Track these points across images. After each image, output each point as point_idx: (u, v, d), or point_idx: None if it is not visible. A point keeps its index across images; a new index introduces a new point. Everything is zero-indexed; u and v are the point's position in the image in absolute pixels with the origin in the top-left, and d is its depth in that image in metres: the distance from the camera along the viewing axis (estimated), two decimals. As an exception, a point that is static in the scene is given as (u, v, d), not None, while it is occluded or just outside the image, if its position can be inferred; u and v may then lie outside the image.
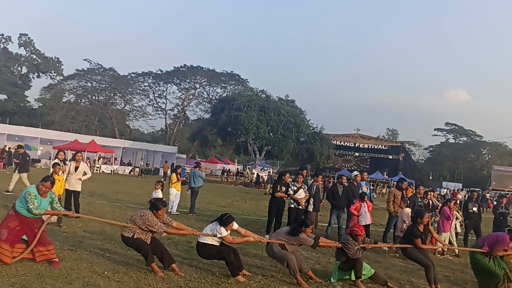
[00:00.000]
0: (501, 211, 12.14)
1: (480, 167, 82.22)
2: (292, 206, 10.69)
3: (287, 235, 6.80)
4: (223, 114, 43.92)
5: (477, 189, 18.46)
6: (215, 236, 6.40)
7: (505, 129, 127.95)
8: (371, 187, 17.13)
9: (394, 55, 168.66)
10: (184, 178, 15.63)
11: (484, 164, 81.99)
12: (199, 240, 6.54)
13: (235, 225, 6.56)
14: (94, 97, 70.53)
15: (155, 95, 71.56)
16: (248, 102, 43.52)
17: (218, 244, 6.46)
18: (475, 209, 12.06)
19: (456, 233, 11.27)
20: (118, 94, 70.76)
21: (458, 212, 11.25)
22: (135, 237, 6.26)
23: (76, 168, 10.24)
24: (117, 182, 27.23)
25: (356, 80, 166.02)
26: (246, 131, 42.33)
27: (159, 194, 9.23)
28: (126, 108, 73.22)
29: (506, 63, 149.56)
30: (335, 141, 60.37)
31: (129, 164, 46.09)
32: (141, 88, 71.47)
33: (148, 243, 6.31)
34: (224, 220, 6.39)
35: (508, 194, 40.69)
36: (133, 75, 69.93)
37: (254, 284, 6.18)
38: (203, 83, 70.40)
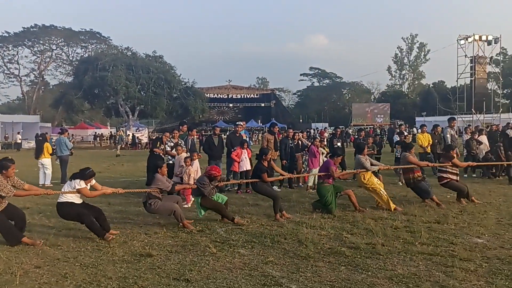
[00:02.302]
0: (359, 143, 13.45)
1: (342, 106, 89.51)
2: (171, 162, 10.62)
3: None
4: (87, 76, 41.04)
5: (340, 126, 20.13)
6: (74, 190, 6.36)
7: (360, 69, 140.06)
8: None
9: (258, 3, 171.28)
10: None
11: (345, 103, 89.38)
12: (58, 200, 6.46)
13: (93, 181, 6.62)
14: None
15: (5, 60, 63.67)
16: (114, 61, 41.17)
17: (78, 203, 6.44)
18: (339, 144, 13.23)
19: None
20: (-43, 63, 61.73)
21: (324, 148, 12.19)
22: None
23: None
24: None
25: (223, 31, 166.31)
26: (114, 91, 40.27)
27: None
28: (-30, 78, 64.44)
29: (359, 6, 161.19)
30: (208, 94, 60.67)
31: (-17, 140, 41.20)
32: (-15, 54, 63.05)
33: (1, 210, 5.85)
34: (86, 174, 6.44)
35: (366, 128, 45.22)
36: (-27, 39, 61.18)
37: (137, 243, 6.10)
38: (60, 44, 64.38)
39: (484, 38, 34.17)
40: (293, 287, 4.43)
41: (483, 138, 14.23)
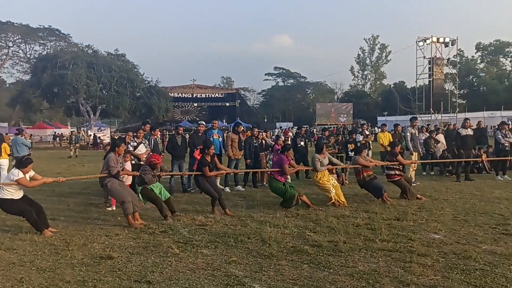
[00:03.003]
0: (324, 142, 13.62)
1: (307, 106, 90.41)
2: (133, 162, 10.40)
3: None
4: (46, 74, 39.83)
5: (305, 126, 20.41)
6: (13, 181, 6.41)
7: (324, 69, 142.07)
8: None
9: (223, 2, 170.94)
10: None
11: (310, 102, 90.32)
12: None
13: (32, 172, 6.67)
14: None
15: (-42, 57, 61.20)
16: (74, 59, 40.10)
17: (18, 198, 6.55)
18: (302, 143, 13.35)
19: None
20: None
21: (287, 147, 12.24)
22: None
23: None
24: None
25: (188, 30, 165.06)
26: (75, 90, 39.24)
27: None
28: None
29: (324, 7, 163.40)
30: (172, 94, 60.05)
31: None
32: None
33: None
34: (23, 162, 6.53)
35: (330, 127, 45.89)
36: None
37: (97, 245, 5.95)
38: (16, 41, 62.20)
39: (441, 40, 35.42)
40: (256, 286, 4.44)
41: (440, 137, 14.74)
